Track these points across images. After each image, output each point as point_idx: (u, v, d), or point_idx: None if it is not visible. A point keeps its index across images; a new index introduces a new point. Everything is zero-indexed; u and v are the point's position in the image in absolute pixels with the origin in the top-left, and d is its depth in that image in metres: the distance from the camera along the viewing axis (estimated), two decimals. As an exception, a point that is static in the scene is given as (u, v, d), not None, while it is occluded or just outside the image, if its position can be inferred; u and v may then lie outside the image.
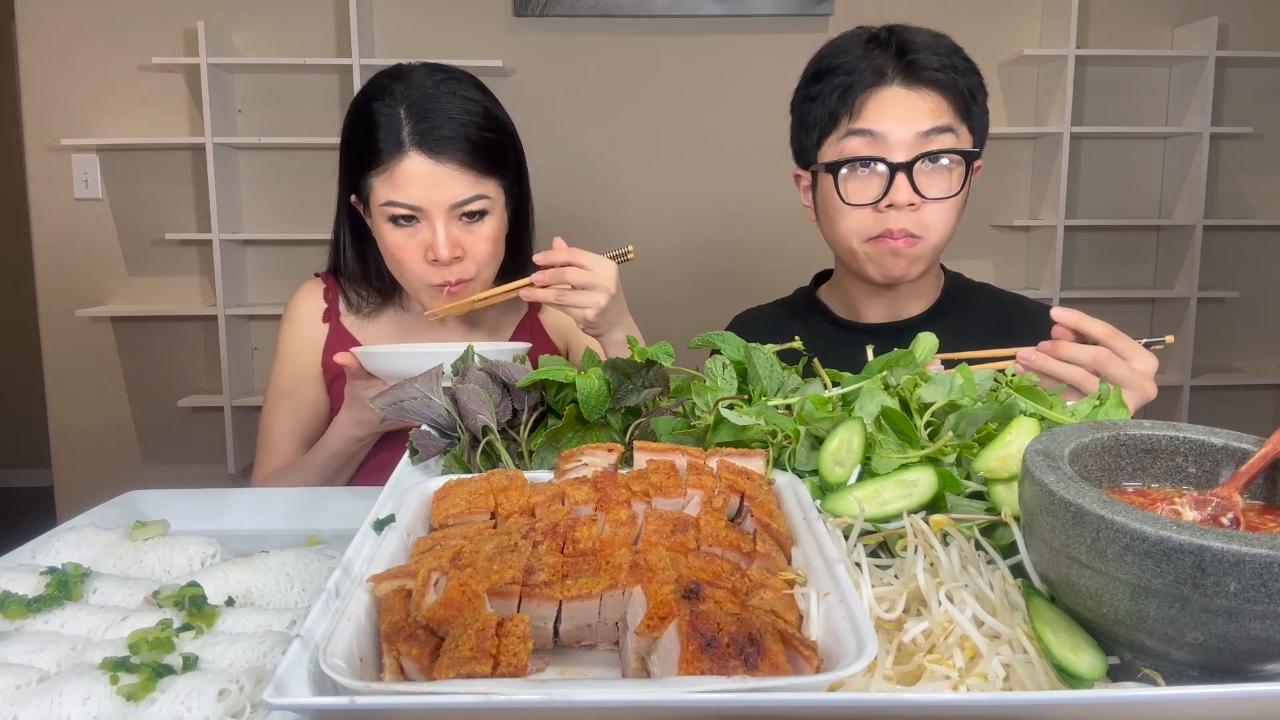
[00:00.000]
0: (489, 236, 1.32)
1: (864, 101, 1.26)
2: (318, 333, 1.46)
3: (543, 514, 0.71)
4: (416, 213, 1.28)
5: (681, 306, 3.55)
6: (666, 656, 0.53)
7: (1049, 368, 1.06)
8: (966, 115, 1.29)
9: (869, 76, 1.26)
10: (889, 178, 1.25)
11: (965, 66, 1.29)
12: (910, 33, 1.30)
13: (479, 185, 1.30)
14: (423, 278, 1.32)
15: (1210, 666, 0.54)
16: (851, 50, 1.30)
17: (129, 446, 3.64)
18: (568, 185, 3.52)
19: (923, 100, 1.25)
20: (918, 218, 1.27)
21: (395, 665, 0.55)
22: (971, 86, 1.29)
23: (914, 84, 1.25)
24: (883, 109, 1.25)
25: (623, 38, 3.49)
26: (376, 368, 1.13)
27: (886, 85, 1.26)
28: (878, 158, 1.26)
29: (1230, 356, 3.79)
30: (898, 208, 1.25)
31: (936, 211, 1.28)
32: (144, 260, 3.56)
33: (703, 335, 1.05)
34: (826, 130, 1.31)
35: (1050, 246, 3.47)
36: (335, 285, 1.48)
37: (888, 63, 1.26)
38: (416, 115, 1.27)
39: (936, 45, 1.28)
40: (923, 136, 1.25)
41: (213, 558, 0.83)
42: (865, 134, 1.26)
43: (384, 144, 1.27)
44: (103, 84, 3.43)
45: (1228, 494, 0.62)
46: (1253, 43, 3.54)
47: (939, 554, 0.66)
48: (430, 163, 1.26)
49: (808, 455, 0.84)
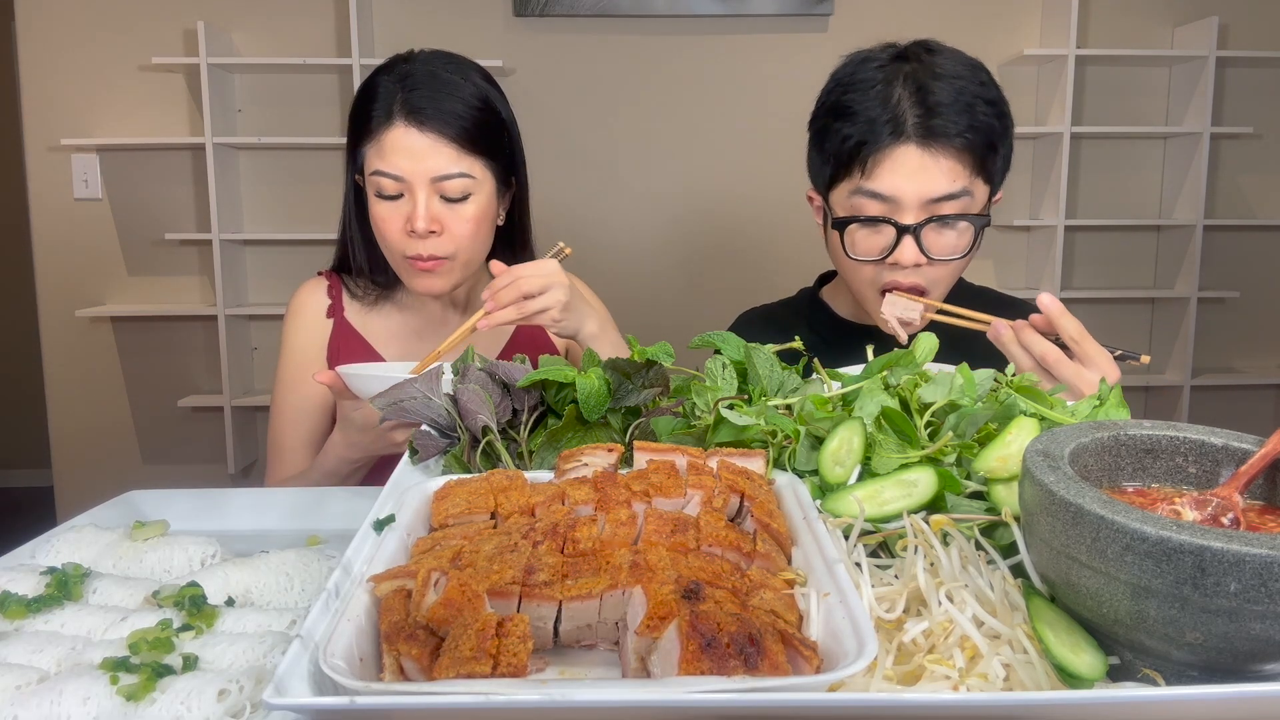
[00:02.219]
0: (470, 217, 1.33)
1: (877, 161, 1.20)
2: (322, 328, 1.47)
3: (543, 514, 0.71)
4: (400, 184, 1.31)
5: (681, 306, 3.55)
6: (666, 656, 0.53)
7: (1008, 349, 1.10)
8: (983, 169, 1.23)
9: (885, 132, 1.19)
10: (896, 238, 1.22)
11: (989, 114, 1.22)
12: (936, 68, 1.22)
13: (463, 162, 1.31)
14: (399, 248, 1.34)
15: (1210, 666, 0.54)
16: (871, 87, 1.22)
17: (129, 446, 3.64)
18: (568, 185, 3.52)
19: (938, 164, 1.19)
20: (924, 272, 1.25)
21: (395, 665, 0.55)
22: (993, 135, 1.23)
23: (931, 145, 1.19)
24: (895, 171, 1.20)
25: (623, 38, 3.49)
26: (359, 389, 1.11)
27: (902, 144, 1.19)
28: (886, 219, 1.22)
29: (1230, 356, 3.79)
30: (903, 266, 1.23)
31: (944, 267, 1.25)
32: (144, 260, 3.56)
33: (703, 335, 1.05)
34: (838, 175, 1.26)
35: (1050, 246, 3.47)
36: (338, 283, 1.50)
37: (906, 114, 1.19)
38: (409, 88, 1.31)
39: (961, 94, 1.20)
40: (934, 202, 1.21)
41: (213, 558, 0.83)
42: (875, 196, 1.22)
43: (376, 114, 1.32)
44: (103, 84, 3.43)
45: (1228, 494, 0.62)
46: (1253, 43, 3.54)
47: (939, 554, 0.66)
48: (415, 132, 1.30)
49: (808, 455, 0.84)
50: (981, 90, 1.23)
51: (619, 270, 3.49)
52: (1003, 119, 1.25)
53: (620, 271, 3.49)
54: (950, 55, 1.25)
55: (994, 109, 1.23)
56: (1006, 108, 1.26)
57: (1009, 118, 1.26)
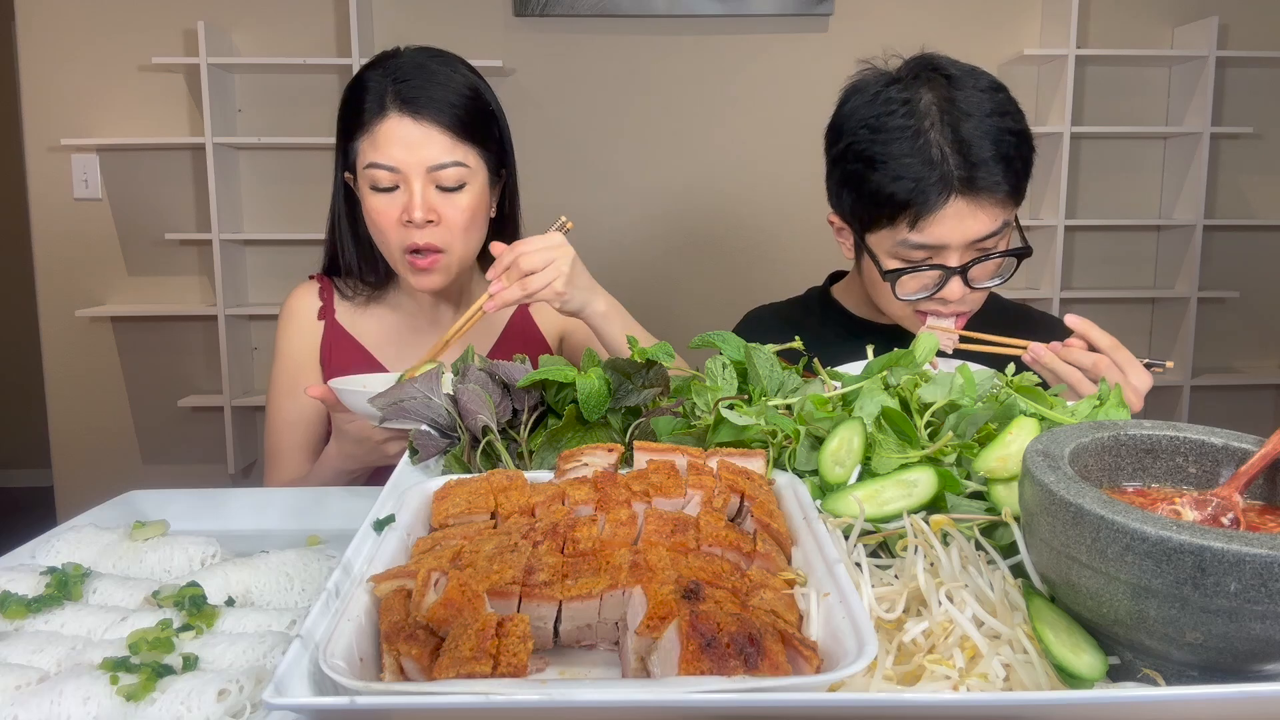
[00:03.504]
0: (466, 206, 1.34)
1: (926, 219, 1.21)
2: (314, 330, 1.48)
3: (543, 514, 0.71)
4: (395, 175, 1.31)
5: (681, 306, 3.55)
6: (666, 656, 0.53)
7: (1055, 366, 1.13)
8: (1018, 195, 1.25)
9: (933, 193, 1.20)
10: (943, 279, 1.25)
11: (1022, 148, 1.23)
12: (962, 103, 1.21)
13: (458, 150, 1.32)
14: (398, 241, 1.33)
15: (1210, 666, 0.54)
16: (904, 135, 1.21)
17: (129, 446, 3.64)
18: (567, 184, 3.52)
19: (983, 210, 1.21)
20: (966, 299, 1.28)
21: (395, 665, 0.55)
22: (1027, 165, 1.24)
23: (978, 197, 1.20)
24: (943, 225, 1.21)
25: (623, 38, 3.49)
26: (351, 404, 1.09)
27: (949, 201, 1.20)
28: (934, 264, 1.24)
29: (1230, 356, 3.79)
30: (949, 300, 1.26)
31: (984, 292, 1.29)
32: (144, 260, 3.56)
33: (703, 335, 1.05)
34: (878, 222, 1.26)
35: (1050, 246, 3.47)
36: (330, 285, 1.50)
37: (951, 171, 1.19)
38: (400, 80, 1.32)
39: (998, 141, 1.20)
40: (979, 241, 1.23)
41: (213, 558, 0.83)
42: (923, 247, 1.23)
43: (368, 107, 1.32)
44: (103, 84, 3.43)
45: (1228, 494, 0.62)
46: (1253, 43, 3.54)
47: (939, 554, 0.66)
48: (410, 122, 1.30)
49: (808, 455, 0.84)
50: (1010, 123, 1.23)
51: (619, 270, 3.49)
52: (1029, 143, 1.25)
53: (620, 271, 3.49)
54: (967, 79, 1.24)
55: (1022, 138, 1.23)
56: (1028, 127, 1.26)
57: (1031, 137, 1.26)
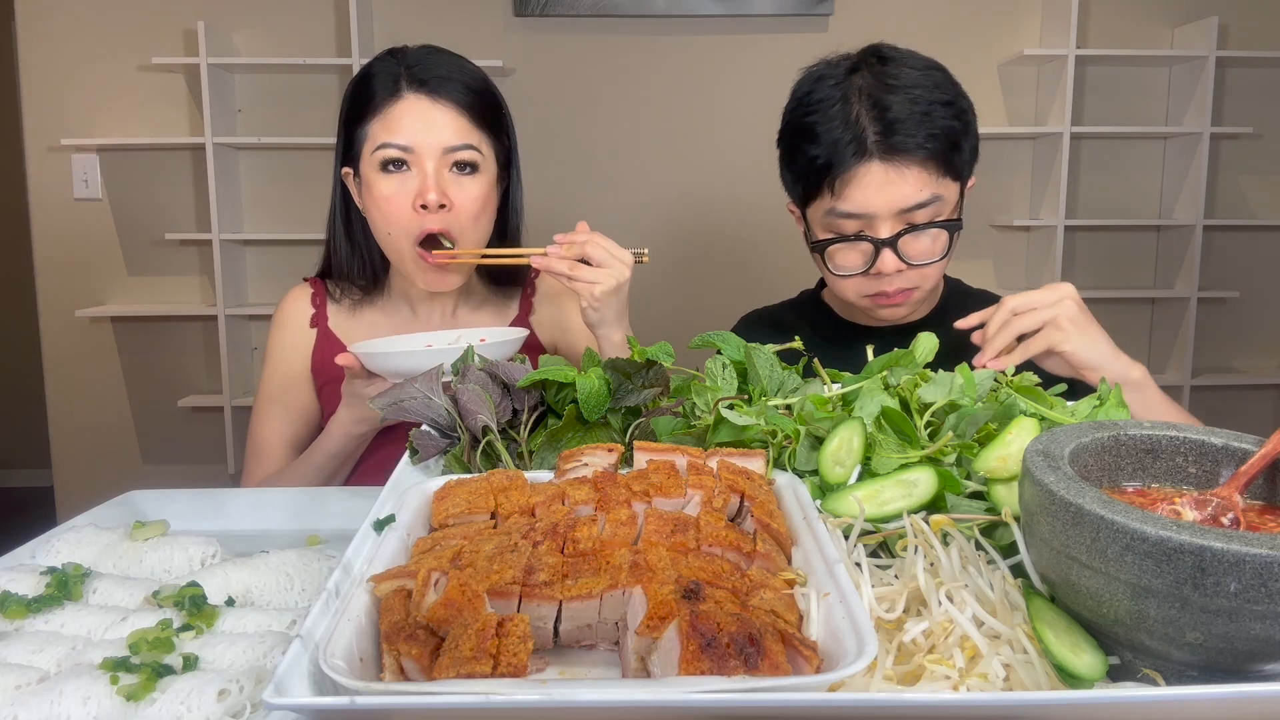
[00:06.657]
0: (478, 195, 1.33)
1: (845, 182, 1.23)
2: (306, 337, 1.46)
3: (543, 514, 0.71)
4: (408, 155, 1.29)
5: (682, 306, 3.55)
6: (666, 656, 0.53)
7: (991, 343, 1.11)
8: (949, 168, 1.24)
9: (848, 153, 1.21)
10: (874, 252, 1.25)
11: (946, 116, 1.23)
12: (889, 78, 1.23)
13: (473, 135, 1.32)
14: (407, 229, 1.31)
15: (1210, 666, 0.54)
16: (831, 106, 1.24)
17: (129, 446, 3.64)
18: (567, 185, 3.52)
19: (903, 176, 1.21)
20: (908, 277, 1.27)
21: (395, 665, 0.55)
22: (955, 135, 1.24)
23: (894, 159, 1.21)
24: (864, 189, 1.22)
25: (623, 38, 3.49)
26: (377, 367, 1.13)
27: (865, 162, 1.21)
28: (861, 235, 1.25)
29: (1230, 356, 3.79)
30: (885, 274, 1.26)
31: (926, 268, 1.28)
32: (144, 260, 3.56)
33: (703, 335, 1.05)
34: (810, 195, 1.29)
35: (1050, 246, 3.47)
36: (323, 290, 1.49)
37: (866, 132, 1.21)
38: (413, 64, 1.32)
39: (916, 103, 1.21)
40: (906, 212, 1.23)
41: (213, 558, 0.83)
42: (849, 215, 1.24)
43: (380, 91, 1.31)
44: (103, 84, 3.43)
45: (1228, 494, 0.62)
46: (1253, 43, 3.54)
47: (939, 554, 0.66)
48: (426, 101, 1.29)
49: (808, 455, 0.84)
50: (936, 94, 1.24)
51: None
52: (962, 116, 1.26)
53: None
54: (904, 60, 1.26)
55: (951, 109, 1.24)
56: (965, 103, 1.27)
57: (969, 112, 1.27)
